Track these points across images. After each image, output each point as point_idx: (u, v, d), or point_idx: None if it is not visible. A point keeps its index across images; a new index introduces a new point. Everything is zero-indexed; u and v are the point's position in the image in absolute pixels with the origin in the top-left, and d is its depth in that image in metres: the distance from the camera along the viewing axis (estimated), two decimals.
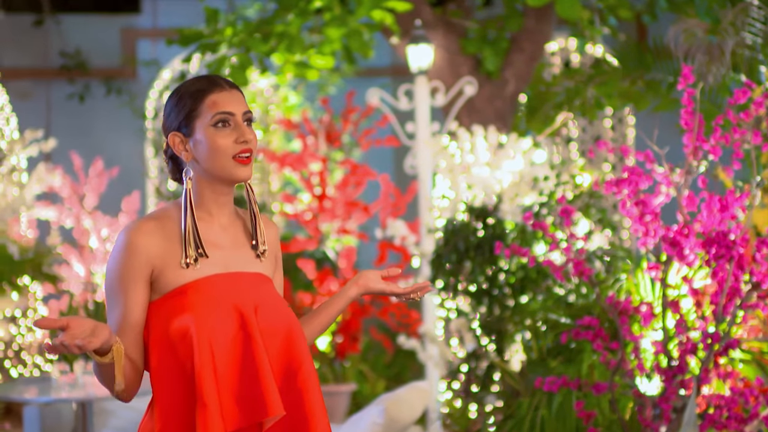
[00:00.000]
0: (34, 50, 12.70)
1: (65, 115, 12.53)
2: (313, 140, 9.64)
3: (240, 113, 2.79)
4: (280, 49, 7.81)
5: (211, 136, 2.77)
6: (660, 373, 4.79)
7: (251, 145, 2.79)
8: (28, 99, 12.46)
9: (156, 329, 2.74)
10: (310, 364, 2.80)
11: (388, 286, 3.01)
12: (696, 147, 4.82)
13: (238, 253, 2.84)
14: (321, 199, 9.38)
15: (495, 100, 8.48)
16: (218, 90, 2.79)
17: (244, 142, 2.77)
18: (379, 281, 3.02)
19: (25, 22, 12.58)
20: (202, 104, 2.78)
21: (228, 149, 2.76)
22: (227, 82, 2.83)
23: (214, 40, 7.89)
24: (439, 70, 8.47)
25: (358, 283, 3.02)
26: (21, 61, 12.61)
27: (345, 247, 9.34)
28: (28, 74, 12.56)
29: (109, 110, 12.49)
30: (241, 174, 2.78)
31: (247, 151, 2.78)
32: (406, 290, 2.99)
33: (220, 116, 2.77)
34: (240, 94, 2.83)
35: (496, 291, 6.66)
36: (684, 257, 4.74)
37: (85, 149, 11.14)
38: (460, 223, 6.69)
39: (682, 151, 4.83)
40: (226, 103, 2.78)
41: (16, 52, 12.62)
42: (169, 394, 2.71)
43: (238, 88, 2.85)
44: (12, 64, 12.37)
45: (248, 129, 2.80)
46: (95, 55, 12.61)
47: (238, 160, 2.77)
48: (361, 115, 9.82)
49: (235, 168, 2.77)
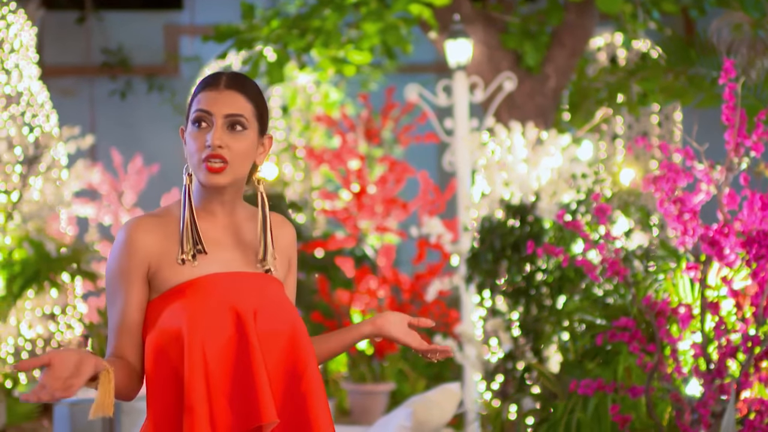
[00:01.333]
0: (77, 48, 12.72)
1: (107, 112, 12.55)
2: (353, 137, 9.54)
3: (220, 114, 2.60)
4: (316, 44, 7.71)
5: (189, 134, 2.64)
6: (699, 377, 4.64)
7: (219, 152, 2.59)
8: (71, 96, 12.48)
9: (152, 329, 2.62)
10: (314, 369, 2.66)
11: (406, 337, 2.82)
12: (737, 143, 4.66)
13: (241, 253, 2.70)
14: (359, 197, 9.28)
15: (536, 95, 8.33)
16: (211, 87, 2.64)
17: (208, 146, 2.58)
18: (398, 328, 2.83)
19: (67, 20, 12.60)
20: (194, 99, 2.65)
21: (195, 151, 2.61)
22: (228, 82, 2.65)
23: (250, 36, 7.81)
24: (479, 65, 8.34)
25: (375, 323, 2.83)
26: (63, 59, 12.63)
27: (384, 245, 9.24)
28: (71, 71, 12.58)
29: (150, 107, 12.49)
30: (207, 180, 2.60)
31: (216, 157, 2.59)
32: (422, 348, 2.80)
33: (196, 114, 2.61)
34: (237, 96, 2.64)
35: (533, 291, 6.52)
36: (724, 257, 4.58)
37: (127, 146, 11.13)
38: (497, 221, 6.56)
39: (724, 147, 4.68)
40: (208, 101, 2.61)
41: (59, 50, 12.65)
42: (162, 398, 2.60)
43: (239, 90, 2.66)
44: (54, 61, 12.39)
45: (226, 134, 2.61)
46: (137, 52, 12.62)
47: (206, 166, 2.60)
48: (401, 112, 9.71)
49: (202, 172, 2.60)
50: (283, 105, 11.32)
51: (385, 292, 9.00)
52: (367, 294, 8.94)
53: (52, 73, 12.00)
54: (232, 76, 2.68)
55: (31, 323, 8.82)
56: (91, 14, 12.53)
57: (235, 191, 2.70)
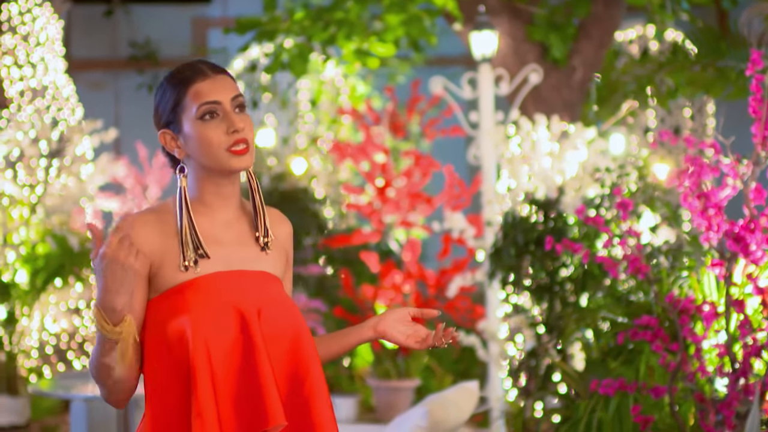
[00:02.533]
0: (104, 41, 12.70)
1: (133, 106, 12.51)
2: (378, 130, 9.44)
3: (227, 100, 2.57)
4: (339, 36, 7.61)
5: (200, 131, 2.56)
6: (723, 377, 4.51)
7: (245, 134, 2.57)
8: (100, 90, 12.46)
9: (152, 330, 2.55)
10: (318, 371, 2.59)
11: (407, 340, 2.73)
12: (765, 137, 4.53)
13: (243, 250, 2.63)
14: (383, 191, 9.17)
15: (562, 88, 8.19)
16: (201, 78, 2.58)
17: (235, 131, 2.56)
18: (400, 329, 2.74)
19: (95, 13, 12.57)
20: (186, 97, 2.57)
21: (220, 142, 2.56)
22: (211, 67, 2.61)
23: (272, 28, 7.72)
24: (504, 57, 8.21)
25: (377, 328, 2.75)
26: (91, 52, 12.61)
27: (410, 240, 9.12)
28: (99, 65, 12.56)
29: None
30: (237, 165, 2.57)
31: (241, 141, 2.56)
32: (424, 345, 2.71)
33: (206, 107, 2.56)
34: (227, 78, 2.61)
35: (557, 287, 6.40)
36: (750, 253, 4.45)
37: (153, 140, 11.08)
38: (521, 216, 6.44)
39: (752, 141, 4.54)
40: (210, 91, 2.57)
41: (86, 43, 12.63)
42: (163, 399, 2.52)
43: (224, 71, 2.63)
44: (82, 55, 12.38)
45: (239, 116, 2.58)
46: (165, 45, 12.57)
47: (233, 152, 2.56)
48: (428, 105, 9.59)
49: (230, 160, 2.56)
50: (311, 98, 11.24)
51: (411, 287, 8.89)
52: (392, 289, 8.83)
53: (80, 66, 11.98)
54: (208, 62, 2.64)
55: (55, 317, 8.80)
56: (119, 7, 12.50)
57: (236, 179, 2.65)
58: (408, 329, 2.75)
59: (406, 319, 2.76)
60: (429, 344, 2.72)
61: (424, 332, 2.75)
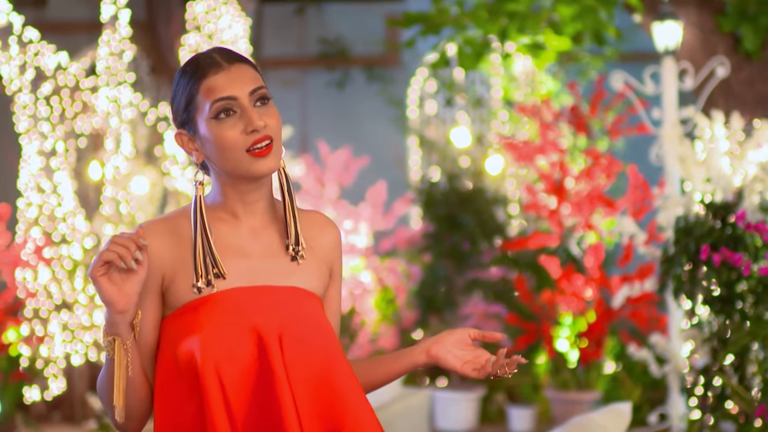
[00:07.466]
0: (293, 39, 12.69)
1: (321, 103, 12.44)
2: (558, 129, 8.98)
3: (244, 95, 2.25)
4: (510, 29, 7.21)
5: (215, 132, 2.25)
6: None
7: (267, 131, 2.25)
8: (292, 87, 12.46)
9: (163, 351, 2.25)
10: (358, 410, 2.20)
11: (464, 366, 2.37)
12: None
13: (270, 263, 2.30)
14: (561, 192, 8.71)
15: (756, 83, 7.54)
16: (214, 71, 2.26)
17: (254, 131, 2.24)
18: (457, 353, 2.38)
19: (285, 12, 12.58)
20: (198, 93, 2.26)
21: (237, 143, 2.24)
22: (227, 56, 2.29)
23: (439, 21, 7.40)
24: (692, 50, 7.63)
25: (430, 353, 2.39)
26: (283, 50, 12.63)
27: (592, 244, 8.63)
28: (290, 63, 12.56)
29: (367, 98, 12.30)
30: (259, 169, 2.25)
31: (263, 140, 2.24)
32: (482, 374, 2.35)
33: (220, 105, 2.25)
34: (245, 67, 2.28)
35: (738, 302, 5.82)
36: None
37: (340, 138, 10.96)
38: (694, 220, 5.89)
39: None
40: (224, 86, 2.25)
41: (278, 42, 12.65)
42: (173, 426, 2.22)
43: (242, 59, 2.29)
44: (273, 53, 12.41)
45: (259, 111, 2.26)
46: (356, 42, 12.46)
47: (253, 153, 2.25)
48: (612, 101, 9.07)
49: (251, 164, 2.25)
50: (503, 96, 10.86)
51: (593, 294, 8.41)
52: (573, 296, 8.38)
53: (272, 64, 12.00)
54: (224, 50, 2.30)
55: None
56: (310, 6, 12.47)
57: (263, 183, 2.33)
58: (467, 354, 2.38)
59: (466, 341, 2.39)
60: (488, 372, 2.34)
61: (485, 358, 2.38)
